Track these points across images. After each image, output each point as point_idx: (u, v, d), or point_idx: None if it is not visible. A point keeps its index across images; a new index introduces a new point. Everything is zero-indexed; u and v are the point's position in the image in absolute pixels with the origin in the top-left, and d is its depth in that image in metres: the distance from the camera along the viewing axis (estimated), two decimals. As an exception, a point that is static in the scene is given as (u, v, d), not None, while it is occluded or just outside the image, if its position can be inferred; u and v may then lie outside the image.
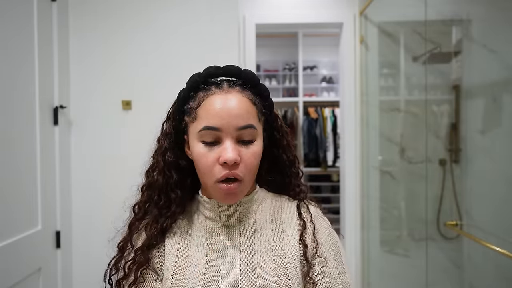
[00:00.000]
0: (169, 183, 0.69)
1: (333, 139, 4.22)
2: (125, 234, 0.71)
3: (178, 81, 1.82)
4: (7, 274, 1.29)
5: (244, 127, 0.62)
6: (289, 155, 0.75)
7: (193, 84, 0.67)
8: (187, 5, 1.85)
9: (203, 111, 0.63)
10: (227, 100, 0.63)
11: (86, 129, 1.82)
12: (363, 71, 2.27)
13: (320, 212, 0.74)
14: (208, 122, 0.62)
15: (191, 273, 0.65)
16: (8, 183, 1.31)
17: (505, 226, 1.40)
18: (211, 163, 0.62)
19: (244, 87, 0.67)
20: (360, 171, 2.29)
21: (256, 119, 0.65)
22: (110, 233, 0.74)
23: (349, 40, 2.30)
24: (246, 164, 0.63)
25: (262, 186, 0.76)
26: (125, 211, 0.73)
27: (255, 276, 0.64)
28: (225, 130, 0.62)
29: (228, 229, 0.69)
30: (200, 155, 0.63)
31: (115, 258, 0.69)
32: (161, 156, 0.70)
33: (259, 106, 0.68)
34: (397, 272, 2.15)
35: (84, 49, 1.81)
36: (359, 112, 2.29)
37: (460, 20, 1.76)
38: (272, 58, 4.69)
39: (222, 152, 0.61)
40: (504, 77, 1.41)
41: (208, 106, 0.63)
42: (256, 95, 0.68)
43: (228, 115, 0.62)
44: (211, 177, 0.63)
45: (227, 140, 0.62)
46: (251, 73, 0.68)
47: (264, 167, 0.74)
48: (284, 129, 0.75)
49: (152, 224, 0.68)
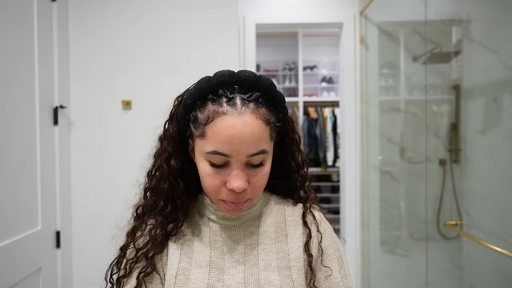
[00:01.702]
0: (176, 191, 0.67)
1: (333, 139, 4.22)
2: (128, 235, 0.70)
3: (178, 81, 1.82)
4: (7, 274, 1.29)
5: (255, 154, 0.59)
6: (298, 161, 0.73)
7: (201, 93, 0.60)
8: (187, 6, 1.85)
9: (213, 133, 0.58)
10: (239, 126, 0.57)
11: (86, 129, 1.82)
12: (363, 71, 2.27)
13: (323, 216, 0.74)
14: (217, 147, 0.58)
15: (195, 274, 0.65)
16: (8, 183, 1.31)
17: (505, 226, 1.40)
18: (217, 185, 0.61)
19: (259, 101, 0.60)
20: (360, 171, 2.29)
21: (268, 141, 0.61)
22: (110, 233, 0.74)
23: (349, 40, 2.30)
24: (254, 187, 0.62)
25: (266, 189, 0.74)
26: (127, 210, 0.73)
27: (258, 278, 0.64)
28: (235, 157, 0.58)
29: (232, 231, 0.69)
30: (207, 175, 0.61)
31: (117, 258, 0.69)
32: (164, 160, 0.67)
33: (273, 124, 0.62)
34: (397, 272, 2.15)
35: (84, 49, 1.81)
36: (359, 112, 2.29)
37: (460, 20, 1.76)
38: (272, 58, 4.69)
39: (231, 179, 0.59)
40: (504, 77, 1.41)
41: (219, 129, 0.57)
42: (271, 107, 0.62)
43: (240, 142, 0.57)
44: (216, 196, 0.62)
45: (236, 166, 0.59)
46: (267, 81, 0.61)
47: (273, 173, 0.72)
48: (296, 135, 0.72)
49: (156, 229, 0.67)
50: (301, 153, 0.73)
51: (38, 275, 1.49)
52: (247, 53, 2.25)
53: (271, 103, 0.62)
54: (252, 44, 2.26)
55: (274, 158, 0.68)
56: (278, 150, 0.70)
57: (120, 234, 0.72)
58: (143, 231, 0.69)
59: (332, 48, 4.62)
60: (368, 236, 2.26)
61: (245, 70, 0.61)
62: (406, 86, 2.18)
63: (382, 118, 2.21)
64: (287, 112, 0.67)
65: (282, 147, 0.71)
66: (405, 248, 2.17)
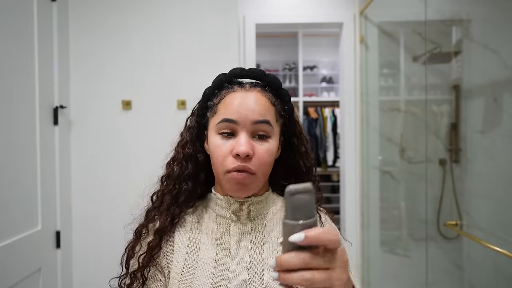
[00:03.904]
0: (183, 174, 0.71)
1: (333, 139, 4.22)
2: (142, 220, 0.73)
3: (178, 81, 1.83)
4: (7, 274, 1.28)
5: (260, 121, 0.64)
6: (306, 162, 0.75)
7: (218, 83, 0.70)
8: (187, 6, 1.85)
9: (223, 106, 0.67)
10: (246, 96, 0.66)
11: (86, 129, 1.82)
12: (363, 71, 2.27)
13: (329, 219, 0.75)
14: (225, 115, 0.65)
15: (201, 271, 0.65)
16: (8, 183, 1.31)
17: (505, 226, 1.40)
18: (224, 153, 0.64)
19: (266, 89, 0.70)
20: (360, 171, 2.29)
21: (273, 118, 0.67)
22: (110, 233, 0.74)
23: (349, 40, 2.30)
24: (259, 158, 0.64)
25: (276, 191, 0.77)
26: (143, 199, 0.75)
27: (263, 277, 0.64)
28: (241, 123, 0.64)
29: (239, 228, 0.69)
30: (216, 146, 0.66)
31: (132, 242, 0.70)
32: (181, 148, 0.73)
33: (278, 108, 0.69)
34: (397, 272, 2.15)
35: (84, 49, 1.81)
36: (359, 112, 2.29)
37: (460, 20, 1.76)
38: (272, 58, 4.69)
39: (236, 145, 0.63)
40: (504, 77, 1.41)
41: (228, 101, 0.66)
42: (277, 98, 0.70)
43: (246, 109, 0.64)
44: (223, 168, 0.64)
45: (242, 133, 0.64)
46: (274, 77, 0.70)
47: (280, 172, 0.75)
48: (304, 136, 0.76)
49: (165, 212, 0.70)
50: (309, 155, 0.76)
51: (38, 275, 1.49)
52: (247, 53, 2.25)
53: (276, 93, 0.71)
54: (252, 44, 2.26)
55: (284, 159, 0.74)
56: (287, 149, 0.74)
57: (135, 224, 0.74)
58: (156, 216, 0.72)
59: (332, 48, 4.62)
60: (368, 236, 2.26)
61: (255, 68, 0.72)
62: (406, 86, 2.18)
63: (382, 118, 2.21)
64: (293, 110, 0.73)
65: (290, 147, 0.75)
66: (405, 248, 2.17)
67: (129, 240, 0.71)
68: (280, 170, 0.75)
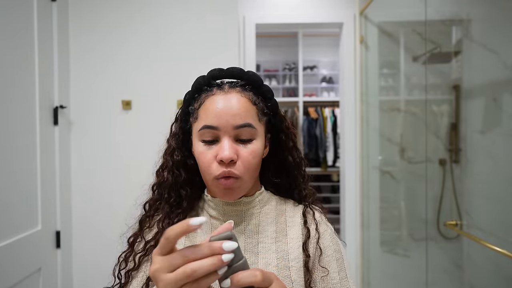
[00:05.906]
0: (178, 181, 0.71)
1: (333, 139, 4.22)
2: (136, 229, 0.72)
3: (178, 81, 1.82)
4: (7, 274, 1.29)
5: (241, 126, 0.63)
6: (295, 157, 0.75)
7: (197, 86, 0.69)
8: (187, 6, 1.85)
9: (203, 111, 0.65)
10: (225, 100, 0.64)
11: (86, 129, 1.82)
12: (363, 71, 2.27)
13: (324, 218, 0.74)
14: (206, 121, 0.63)
15: None
16: (8, 183, 1.31)
17: (505, 226, 1.40)
18: (209, 160, 0.64)
19: (246, 88, 0.68)
20: (360, 171, 2.29)
21: (255, 119, 0.66)
22: (110, 233, 0.74)
23: (349, 40, 2.30)
24: (243, 162, 0.63)
25: (268, 189, 0.76)
26: (136, 209, 0.75)
27: None
28: (222, 129, 0.63)
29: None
30: (200, 153, 0.65)
31: (125, 252, 0.70)
32: (169, 155, 0.72)
33: (260, 106, 0.68)
34: (397, 272, 2.15)
35: (84, 49, 1.81)
36: (359, 112, 2.29)
37: (460, 20, 1.76)
38: (272, 58, 4.69)
39: (219, 150, 0.62)
40: (504, 77, 1.41)
41: (208, 106, 0.65)
42: (258, 96, 0.69)
43: (226, 113, 0.63)
44: (209, 174, 0.64)
45: (225, 138, 0.63)
46: (254, 74, 0.68)
47: (271, 170, 0.75)
48: (291, 131, 0.75)
49: (164, 220, 0.69)
50: (298, 150, 0.75)
51: (38, 275, 1.49)
52: (247, 53, 2.25)
53: (257, 91, 0.69)
54: (252, 44, 2.26)
55: (273, 156, 0.73)
56: (275, 146, 0.74)
57: (129, 233, 0.73)
58: (151, 224, 0.71)
59: (332, 48, 4.62)
60: (368, 236, 2.26)
61: (233, 67, 0.69)
62: (406, 86, 2.18)
63: (382, 118, 2.21)
64: (277, 105, 0.73)
65: (278, 143, 0.74)
66: (405, 248, 2.17)
67: (123, 250, 0.71)
68: (270, 167, 0.74)
